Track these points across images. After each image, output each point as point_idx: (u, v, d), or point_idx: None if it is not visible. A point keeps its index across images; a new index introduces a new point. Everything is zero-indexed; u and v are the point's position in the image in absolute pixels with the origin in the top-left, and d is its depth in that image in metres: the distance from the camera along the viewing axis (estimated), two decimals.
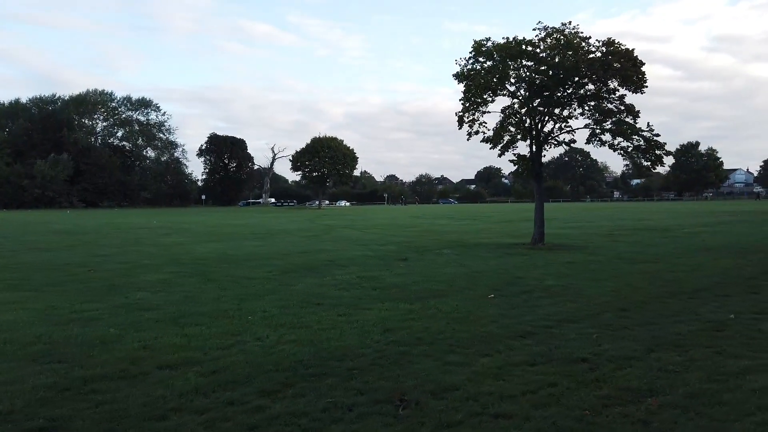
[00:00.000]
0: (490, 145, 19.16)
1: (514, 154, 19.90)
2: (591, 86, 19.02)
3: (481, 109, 20.21)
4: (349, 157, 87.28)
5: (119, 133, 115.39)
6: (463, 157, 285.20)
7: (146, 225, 36.68)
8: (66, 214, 63.36)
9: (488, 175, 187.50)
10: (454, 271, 13.43)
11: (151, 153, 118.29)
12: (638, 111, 18.96)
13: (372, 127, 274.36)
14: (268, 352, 6.41)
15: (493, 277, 12.30)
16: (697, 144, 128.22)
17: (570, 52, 18.00)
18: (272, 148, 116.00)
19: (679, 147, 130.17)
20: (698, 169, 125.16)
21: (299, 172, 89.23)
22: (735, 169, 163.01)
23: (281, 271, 13.62)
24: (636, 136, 18.45)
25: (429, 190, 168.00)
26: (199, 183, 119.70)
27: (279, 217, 52.50)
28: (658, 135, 18.33)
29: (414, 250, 18.71)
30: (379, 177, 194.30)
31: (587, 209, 66.57)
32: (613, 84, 18.14)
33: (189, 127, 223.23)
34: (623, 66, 17.79)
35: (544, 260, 15.30)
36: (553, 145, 19.81)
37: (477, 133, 20.40)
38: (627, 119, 18.98)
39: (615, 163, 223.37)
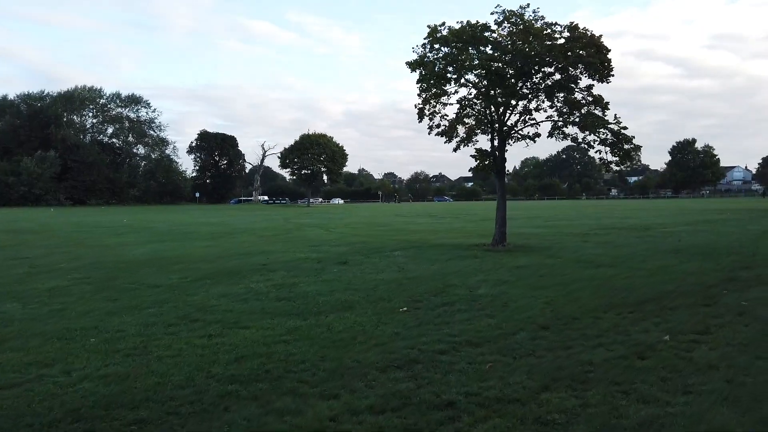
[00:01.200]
0: (445, 139, 17.80)
1: (475, 149, 18.54)
2: (558, 75, 17.67)
3: (442, 100, 18.84)
4: (338, 155, 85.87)
5: (109, 130, 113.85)
6: (462, 155, 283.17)
7: (114, 223, 35.35)
8: (48, 212, 62.01)
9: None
10: (385, 277, 12.11)
11: (141, 150, 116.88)
12: (607, 102, 17.62)
13: (371, 125, 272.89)
14: (59, 392, 5.10)
15: (423, 285, 10.99)
16: (694, 141, 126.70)
17: (531, 38, 16.61)
18: (262, 145, 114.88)
19: (675, 144, 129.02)
20: (695, 166, 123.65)
21: (288, 170, 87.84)
22: (733, 167, 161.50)
23: (197, 277, 12.32)
24: (603, 129, 17.10)
25: (425, 187, 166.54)
26: (196, 181, 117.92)
27: (259, 215, 51.17)
28: (625, 128, 17.00)
29: (365, 251, 17.39)
30: (377, 175, 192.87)
31: (577, 207, 65.35)
32: (575, 72, 16.76)
33: (188, 125, 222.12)
34: (588, 53, 16.42)
35: (493, 264, 13.98)
36: (516, 139, 18.45)
37: (438, 126, 19.06)
38: (595, 111, 17.65)
39: None
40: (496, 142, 18.43)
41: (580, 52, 16.49)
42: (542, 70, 17.58)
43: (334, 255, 16.51)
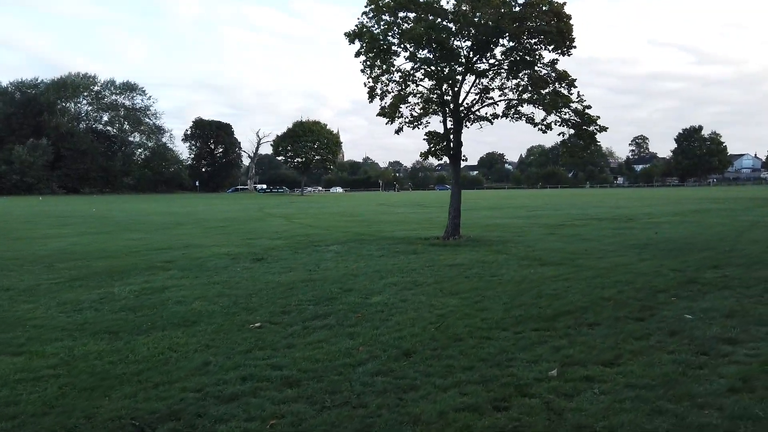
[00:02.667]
0: (387, 120, 15.92)
1: (427, 132, 16.67)
2: (517, 48, 15.72)
3: (395, 78, 16.93)
4: (332, 142, 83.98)
5: (104, 118, 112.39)
6: (468, 143, 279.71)
7: (75, 213, 33.79)
8: (34, 200, 60.76)
9: (491, 160, 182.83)
10: (286, 278, 10.33)
11: (137, 138, 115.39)
12: (573, 79, 15.68)
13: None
14: None
15: (319, 289, 9.21)
16: (700, 128, 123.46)
17: (481, 4, 14.63)
18: (257, 133, 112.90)
19: (681, 131, 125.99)
20: (701, 154, 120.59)
21: (281, 157, 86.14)
22: (742, 155, 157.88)
23: (72, 278, 10.66)
24: (566, 109, 15.18)
25: (429, 176, 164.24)
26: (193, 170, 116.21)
27: (239, 204, 49.55)
28: (589, 107, 15.08)
29: (299, 245, 15.65)
30: (383, 163, 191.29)
31: (574, 196, 63.33)
32: (531, 43, 14.82)
33: (194, 113, 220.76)
34: (547, 21, 14.46)
35: (425, 261, 12.17)
36: (473, 121, 16.56)
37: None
38: (560, 89, 15.73)
39: (621, 148, 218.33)
40: (450, 124, 16.54)
41: (537, 20, 14.53)
42: (500, 43, 15.67)
43: (261, 250, 14.78)
